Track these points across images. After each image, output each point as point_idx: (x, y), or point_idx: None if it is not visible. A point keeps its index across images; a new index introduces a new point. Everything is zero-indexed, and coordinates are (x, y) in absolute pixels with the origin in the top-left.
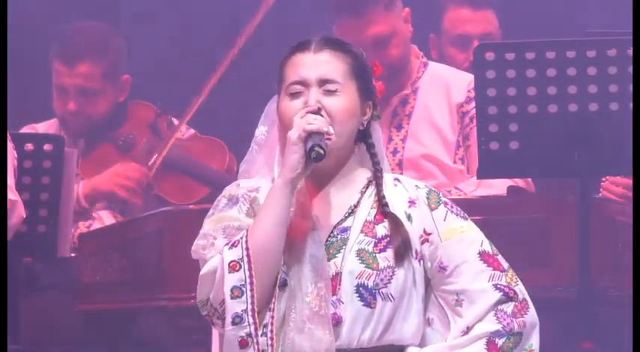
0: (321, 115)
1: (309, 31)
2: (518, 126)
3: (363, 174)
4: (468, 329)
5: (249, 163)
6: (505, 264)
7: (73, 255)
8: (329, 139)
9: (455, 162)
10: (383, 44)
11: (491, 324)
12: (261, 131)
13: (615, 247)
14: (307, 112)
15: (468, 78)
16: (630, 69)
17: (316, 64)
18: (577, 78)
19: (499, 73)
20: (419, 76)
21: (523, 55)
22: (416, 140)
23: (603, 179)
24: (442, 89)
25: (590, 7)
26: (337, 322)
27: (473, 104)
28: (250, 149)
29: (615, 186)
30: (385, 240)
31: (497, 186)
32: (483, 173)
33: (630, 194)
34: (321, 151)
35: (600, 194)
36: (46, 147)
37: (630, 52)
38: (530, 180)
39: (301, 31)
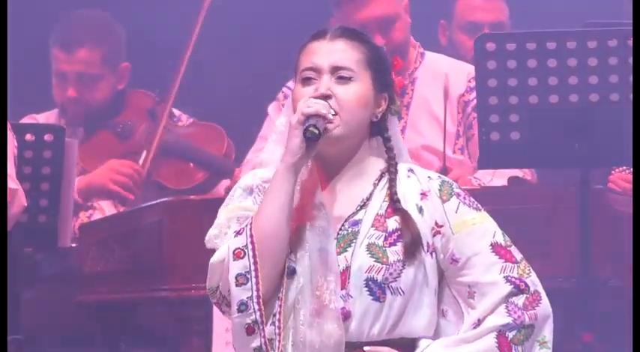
0: (328, 102)
1: (311, 17)
2: (519, 117)
3: (377, 165)
4: (480, 322)
5: (268, 153)
6: (518, 256)
7: (73, 245)
8: (330, 123)
9: (454, 152)
10: (387, 26)
11: (501, 317)
12: (280, 121)
13: (615, 238)
14: (310, 97)
15: (467, 68)
16: (631, 59)
17: (330, 51)
18: (578, 68)
19: (500, 63)
20: (416, 67)
21: (524, 46)
22: (415, 130)
23: (612, 172)
24: (440, 78)
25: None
26: (346, 316)
27: (474, 94)
28: (270, 139)
29: (622, 182)
30: (396, 234)
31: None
32: (484, 163)
33: None
34: (316, 131)
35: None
36: (47, 137)
37: (631, 42)
38: (533, 171)
39: (303, 18)
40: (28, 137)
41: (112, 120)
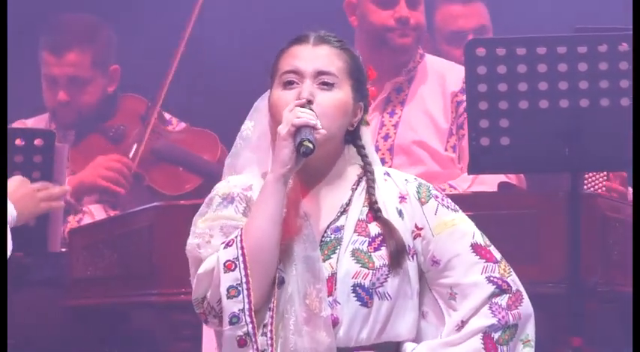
0: (311, 108)
1: (306, 26)
2: (509, 122)
3: (354, 171)
4: (463, 323)
5: (234, 158)
6: (498, 255)
7: (63, 249)
8: (318, 134)
9: (446, 150)
10: (415, 4)
11: (486, 318)
12: (247, 126)
13: (605, 243)
14: (296, 106)
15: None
16: (621, 65)
17: (314, 56)
18: (568, 74)
19: (490, 68)
20: (415, 66)
21: (514, 51)
22: (408, 126)
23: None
24: (437, 78)
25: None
26: (334, 323)
27: None
28: (235, 143)
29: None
30: (379, 239)
31: (491, 183)
32: (474, 168)
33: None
34: (310, 145)
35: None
36: (37, 142)
37: (621, 47)
38: (522, 177)
39: (298, 26)
40: (18, 142)
41: (104, 124)
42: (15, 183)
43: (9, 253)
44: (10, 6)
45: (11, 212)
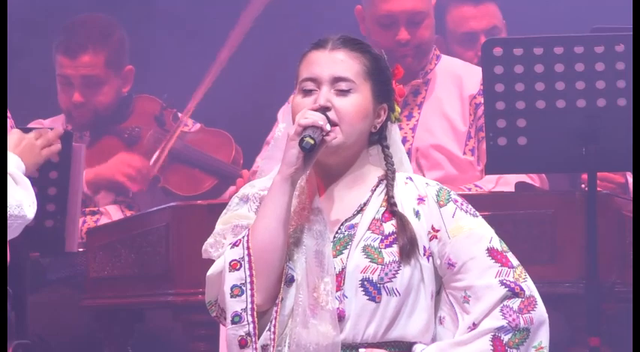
0: (327, 115)
1: (321, 27)
2: (527, 122)
3: (375, 173)
4: (475, 326)
5: (266, 159)
6: (514, 261)
7: (80, 249)
8: (327, 135)
9: (464, 153)
10: (416, 23)
11: (496, 320)
12: (279, 127)
13: (622, 242)
14: (308, 109)
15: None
16: None
17: (330, 62)
18: (585, 73)
19: (507, 68)
20: (431, 68)
21: (531, 51)
22: (426, 129)
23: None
24: (454, 80)
25: None
26: (341, 317)
27: None
28: (270, 145)
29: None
30: (392, 237)
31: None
32: (491, 168)
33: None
34: (311, 141)
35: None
36: None
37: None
38: (544, 177)
39: (314, 27)
40: None
41: (119, 126)
42: (15, 138)
43: (34, 211)
44: (28, 7)
45: (19, 165)
